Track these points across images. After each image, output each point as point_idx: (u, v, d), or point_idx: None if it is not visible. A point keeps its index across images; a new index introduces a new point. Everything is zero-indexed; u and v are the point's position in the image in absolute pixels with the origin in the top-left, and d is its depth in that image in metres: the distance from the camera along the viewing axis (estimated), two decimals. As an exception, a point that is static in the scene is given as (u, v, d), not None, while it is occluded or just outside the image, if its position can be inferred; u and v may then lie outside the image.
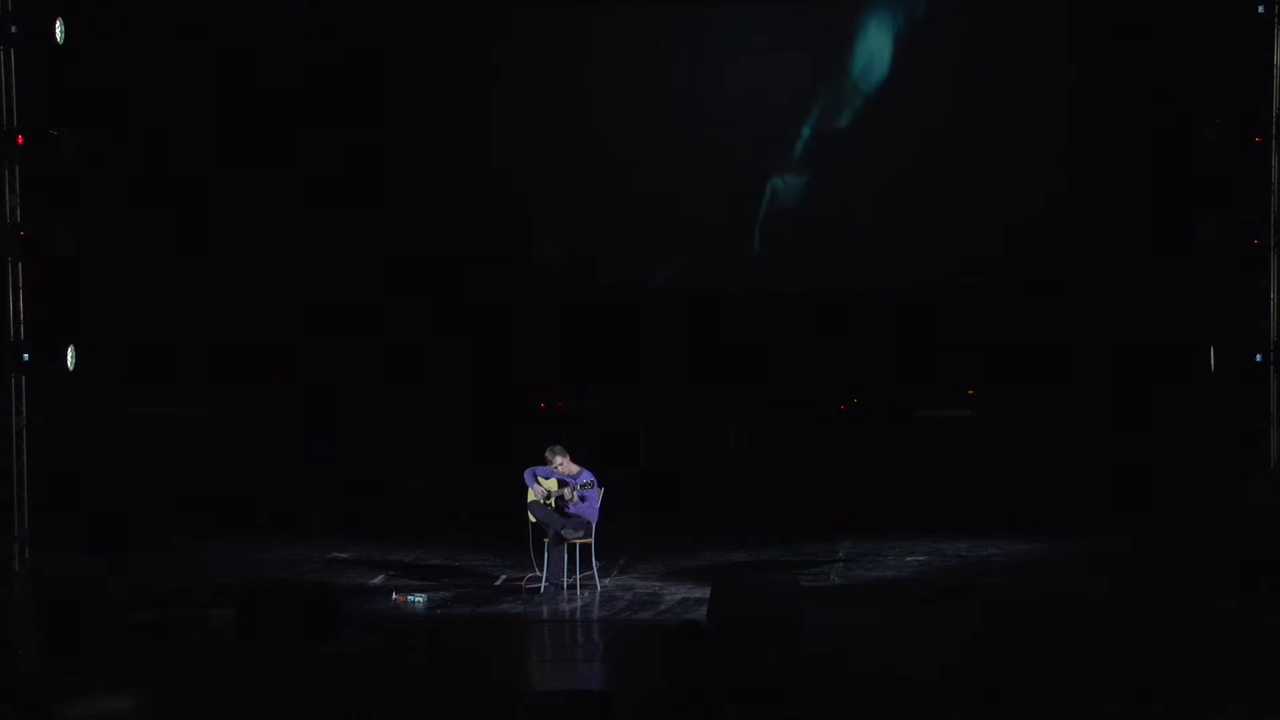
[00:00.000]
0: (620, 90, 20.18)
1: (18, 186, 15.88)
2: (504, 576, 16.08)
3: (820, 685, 11.71)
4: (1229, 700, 11.20)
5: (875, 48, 19.97)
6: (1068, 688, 11.78)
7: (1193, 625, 13.40)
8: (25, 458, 16.22)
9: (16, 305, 15.96)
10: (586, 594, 15.38)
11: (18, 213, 15.87)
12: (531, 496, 15.50)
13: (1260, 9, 15.77)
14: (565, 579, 15.43)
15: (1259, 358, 16.09)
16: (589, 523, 15.47)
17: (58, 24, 15.56)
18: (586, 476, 15.52)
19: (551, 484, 15.50)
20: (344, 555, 17.10)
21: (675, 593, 15.40)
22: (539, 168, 20.31)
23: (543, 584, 15.47)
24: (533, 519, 15.52)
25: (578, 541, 15.45)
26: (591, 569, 15.54)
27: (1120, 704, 11.24)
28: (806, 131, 20.14)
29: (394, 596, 15.25)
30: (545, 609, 15.05)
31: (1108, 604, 14.50)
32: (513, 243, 20.45)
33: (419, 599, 15.11)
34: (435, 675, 12.74)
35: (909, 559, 16.73)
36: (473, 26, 19.90)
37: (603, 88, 20.20)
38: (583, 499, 15.43)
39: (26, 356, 15.90)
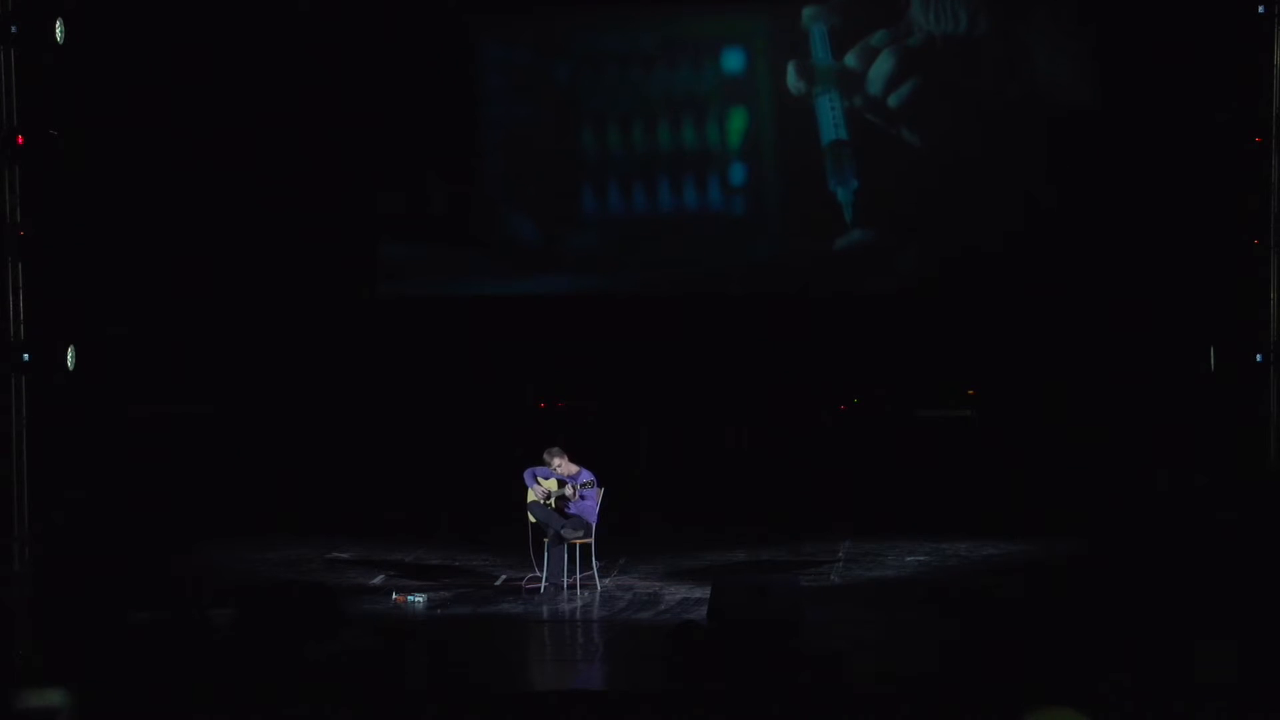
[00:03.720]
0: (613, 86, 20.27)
1: (18, 186, 15.87)
2: (504, 576, 16.09)
3: (820, 685, 11.73)
4: (1222, 698, 11.24)
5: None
6: (1066, 687, 11.80)
7: (1189, 624, 13.41)
8: (25, 458, 16.20)
9: (16, 305, 15.95)
10: (586, 594, 15.38)
11: (18, 213, 15.86)
12: (531, 497, 15.50)
13: (1260, 9, 15.76)
14: (565, 579, 15.43)
15: (1259, 358, 16.08)
16: (589, 523, 15.47)
17: (58, 24, 15.55)
18: (586, 476, 15.51)
19: (551, 484, 15.50)
20: (344, 555, 17.10)
21: (675, 593, 15.40)
22: (532, 166, 20.39)
23: (543, 584, 15.47)
24: (532, 519, 15.53)
25: (577, 541, 15.45)
26: (591, 569, 15.54)
27: (1119, 702, 11.25)
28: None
29: (394, 596, 15.25)
30: (545, 609, 15.04)
31: (1105, 604, 14.51)
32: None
33: (419, 599, 15.10)
34: (435, 675, 12.77)
35: (909, 559, 16.73)
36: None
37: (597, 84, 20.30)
38: (583, 498, 15.44)
39: (26, 356, 15.89)
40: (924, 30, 19.77)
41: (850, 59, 19.90)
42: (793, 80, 19.95)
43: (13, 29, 15.55)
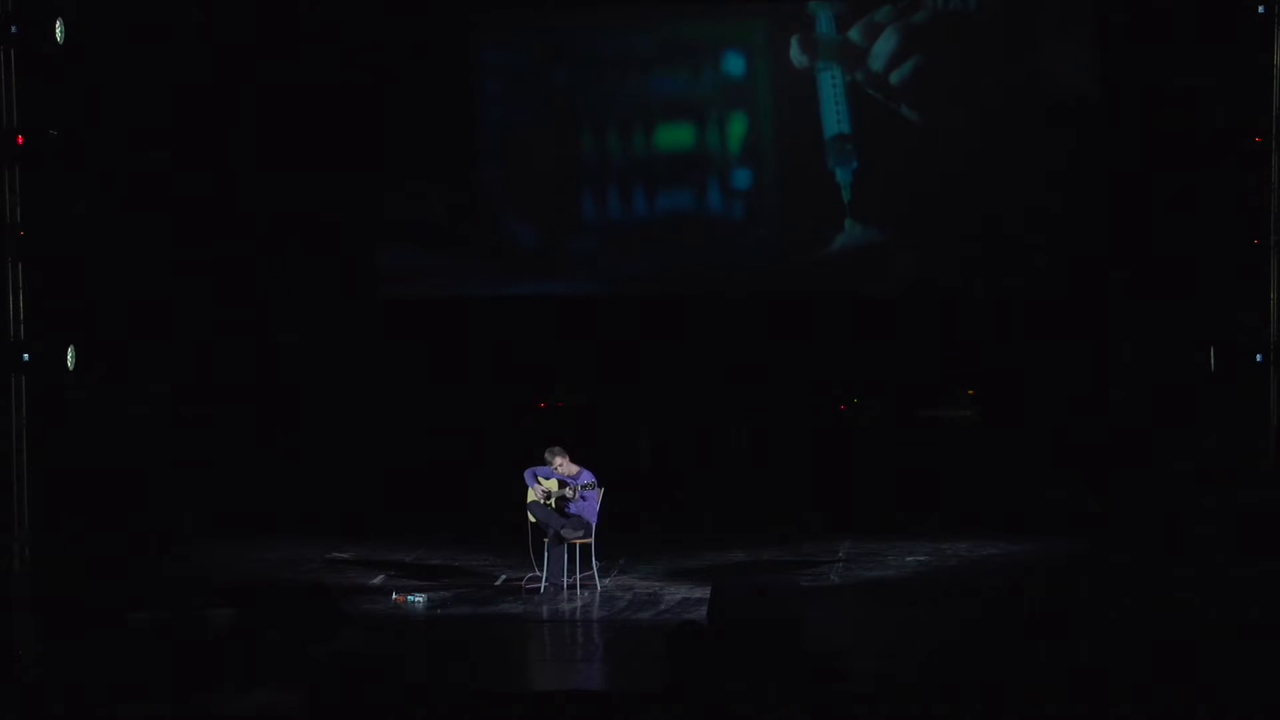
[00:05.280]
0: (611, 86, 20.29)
1: (18, 186, 15.87)
2: (504, 576, 16.09)
3: (819, 685, 11.73)
4: (1218, 700, 11.24)
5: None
6: (1065, 687, 11.80)
7: (1187, 626, 13.42)
8: (25, 458, 16.19)
9: (16, 305, 15.95)
10: (586, 594, 15.38)
11: (18, 213, 15.86)
12: (531, 497, 15.51)
13: (1260, 9, 15.77)
14: (565, 579, 15.44)
15: (1259, 358, 16.08)
16: (589, 523, 15.46)
17: (58, 24, 15.55)
18: (587, 477, 15.51)
19: (551, 484, 15.50)
20: (344, 555, 17.11)
21: (675, 593, 15.40)
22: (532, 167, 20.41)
23: (543, 584, 15.47)
24: (533, 519, 15.53)
25: (577, 541, 15.45)
26: (591, 569, 15.54)
27: (1118, 703, 11.26)
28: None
29: (394, 596, 15.25)
30: (545, 609, 15.05)
31: (1105, 604, 14.51)
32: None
33: (419, 599, 15.11)
34: (435, 675, 12.77)
35: (909, 559, 16.73)
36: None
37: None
38: (584, 498, 15.44)
39: (26, 356, 15.88)
40: (929, 6, 19.76)
41: (854, 33, 19.89)
42: (795, 54, 19.93)
43: (13, 29, 15.55)
